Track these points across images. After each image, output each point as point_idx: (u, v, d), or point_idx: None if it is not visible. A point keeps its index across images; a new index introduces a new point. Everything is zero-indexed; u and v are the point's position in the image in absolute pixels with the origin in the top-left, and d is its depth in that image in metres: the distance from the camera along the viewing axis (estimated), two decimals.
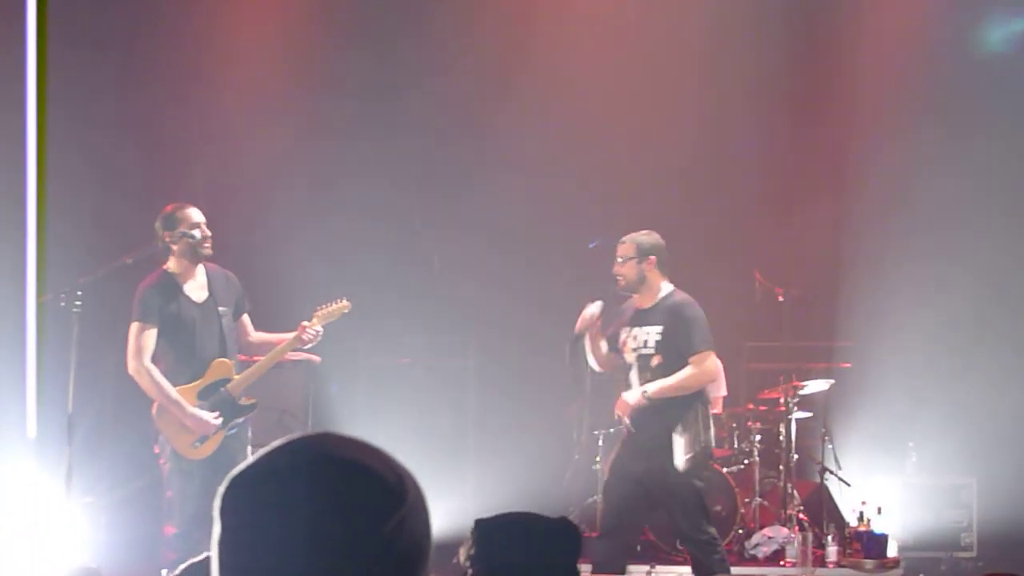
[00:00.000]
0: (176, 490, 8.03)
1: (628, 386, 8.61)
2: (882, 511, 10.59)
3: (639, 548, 8.80)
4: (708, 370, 8.41)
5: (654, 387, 8.33)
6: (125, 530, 9.91)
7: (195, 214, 8.24)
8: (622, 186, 13.12)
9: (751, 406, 11.63)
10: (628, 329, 8.63)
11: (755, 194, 12.88)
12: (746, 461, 11.33)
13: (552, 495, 11.53)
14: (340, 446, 1.83)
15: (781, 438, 11.00)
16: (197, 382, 8.11)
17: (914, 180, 12.20)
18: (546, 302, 12.79)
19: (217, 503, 1.79)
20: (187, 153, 12.29)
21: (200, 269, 8.33)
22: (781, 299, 11.59)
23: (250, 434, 8.30)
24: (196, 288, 8.28)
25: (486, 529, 3.17)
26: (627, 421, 8.43)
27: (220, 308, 8.29)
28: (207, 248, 8.23)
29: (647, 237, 8.62)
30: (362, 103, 12.93)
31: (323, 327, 8.48)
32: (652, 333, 8.45)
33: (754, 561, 10.76)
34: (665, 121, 12.89)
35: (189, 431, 8.03)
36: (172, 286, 8.20)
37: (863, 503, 10.41)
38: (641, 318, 8.56)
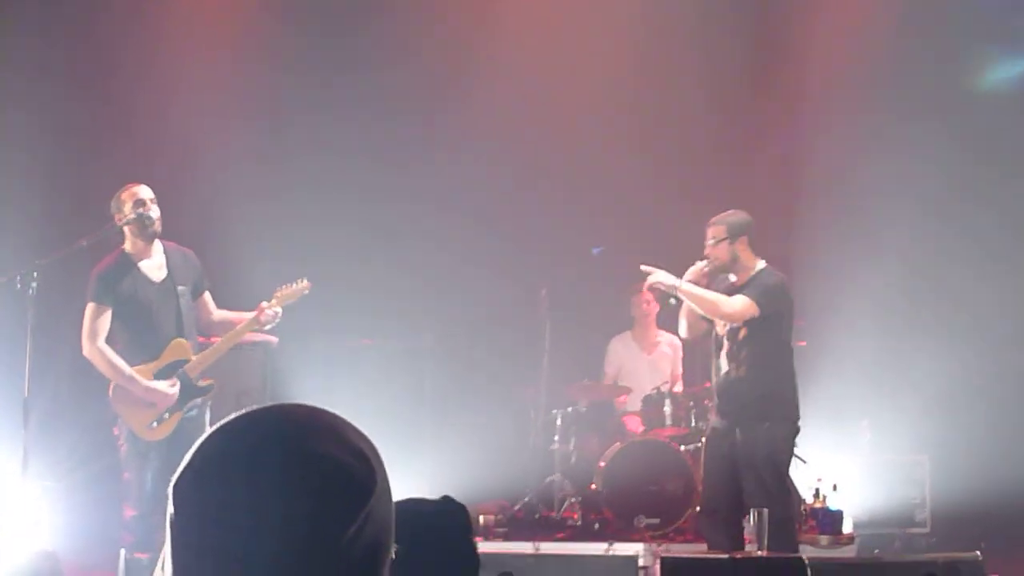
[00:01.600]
0: (134, 472, 8.01)
1: (718, 363, 8.62)
2: (837, 488, 10.64)
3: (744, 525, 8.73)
4: (736, 309, 8.34)
5: (690, 286, 8.39)
6: (83, 513, 9.86)
7: (143, 191, 8.21)
8: (578, 169, 13.14)
9: (708, 384, 11.64)
10: None
11: (709, 175, 12.88)
12: (703, 439, 11.35)
13: (510, 475, 11.56)
14: (304, 426, 1.78)
15: None
16: (154, 363, 8.09)
17: (865, 155, 12.27)
18: (504, 285, 12.82)
19: (172, 482, 1.75)
20: (144, 133, 12.20)
21: (157, 248, 8.30)
22: (732, 278, 11.60)
23: (208, 416, 8.25)
24: (153, 268, 8.25)
25: None
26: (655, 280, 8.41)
27: (178, 287, 8.26)
28: (156, 225, 8.20)
29: (736, 217, 8.57)
30: (320, 77, 12.91)
31: (282, 308, 8.45)
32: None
33: None
34: (617, 101, 12.95)
35: (146, 411, 8.01)
36: (128, 266, 8.17)
37: (819, 480, 10.44)
38: (734, 292, 8.52)
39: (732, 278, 8.57)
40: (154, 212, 8.17)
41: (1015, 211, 12.16)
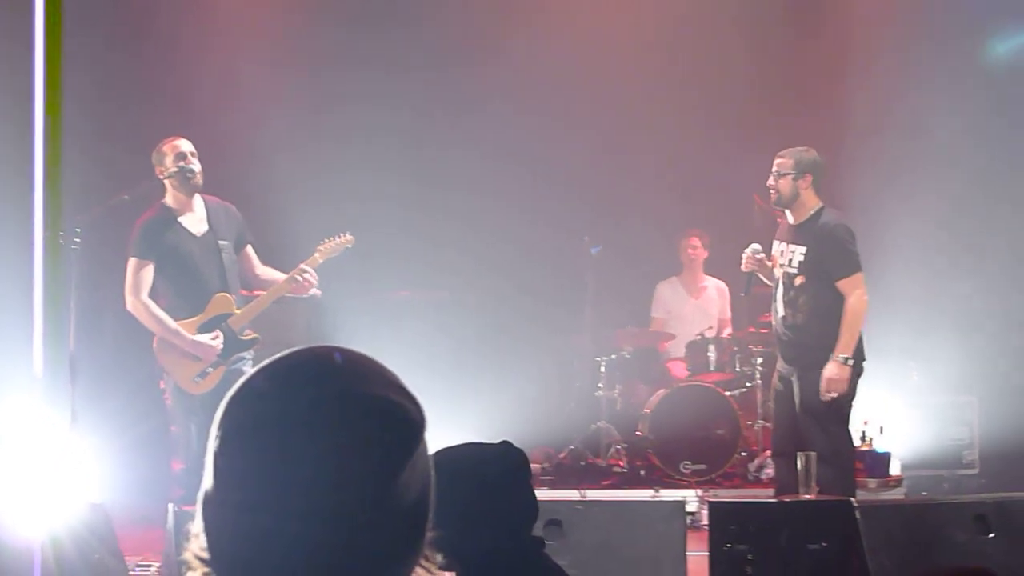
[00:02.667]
0: (181, 425, 8.07)
1: (775, 307, 8.55)
2: (884, 430, 10.61)
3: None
4: (860, 293, 8.20)
5: (845, 350, 8.14)
6: (132, 466, 9.91)
7: (184, 144, 8.20)
8: (621, 115, 13.08)
9: (752, 329, 11.61)
10: (778, 243, 8.56)
11: (752, 119, 12.79)
12: (748, 384, 11.34)
13: (555, 423, 11.56)
14: (350, 369, 1.75)
15: None
16: (197, 317, 8.10)
17: (910, 92, 12.12)
18: (543, 235, 12.79)
19: (218, 415, 1.72)
20: (184, 85, 12.20)
21: (199, 202, 8.29)
22: (780, 221, 11.50)
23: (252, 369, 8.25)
24: (195, 221, 8.24)
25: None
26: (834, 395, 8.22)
27: (220, 241, 8.25)
28: (197, 178, 8.18)
29: (807, 154, 8.43)
30: (364, 25, 12.87)
31: (318, 269, 8.43)
32: (797, 252, 8.34)
33: (758, 483, 10.79)
34: (659, 47, 12.89)
35: (190, 364, 8.04)
36: (170, 220, 8.18)
37: (865, 422, 10.41)
38: (790, 235, 8.45)
39: (789, 217, 8.47)
40: (195, 166, 8.16)
41: None
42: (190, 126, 9.03)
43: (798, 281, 8.28)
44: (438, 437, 1.79)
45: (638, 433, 11.16)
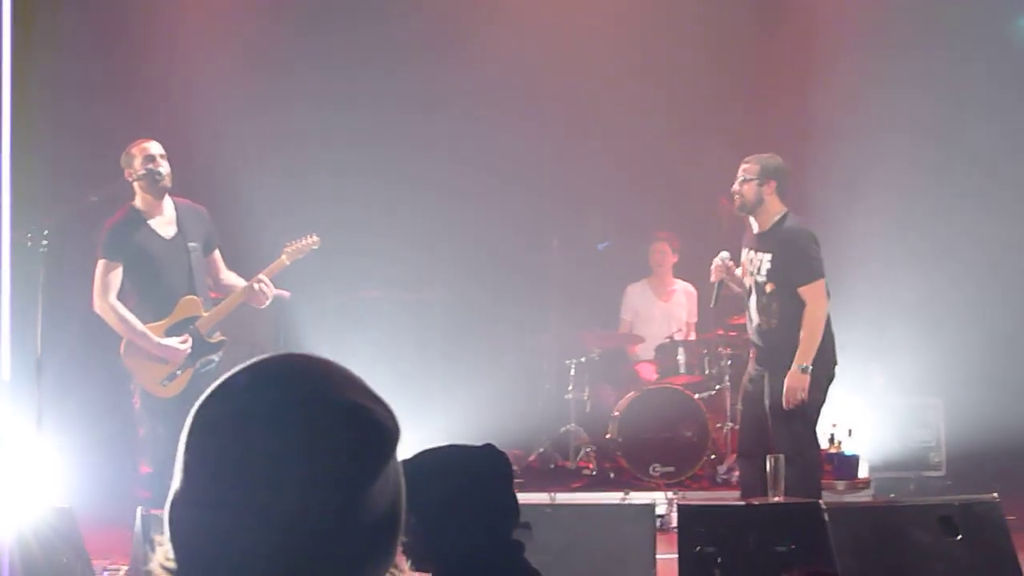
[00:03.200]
0: (148, 429, 8.04)
1: (750, 314, 8.54)
2: (852, 433, 10.65)
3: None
4: (820, 300, 8.18)
5: (803, 359, 8.15)
6: (99, 469, 9.87)
7: (153, 147, 8.15)
8: (590, 116, 13.10)
9: (721, 332, 11.64)
10: (746, 251, 8.55)
11: (717, 113, 12.84)
12: (717, 386, 11.37)
13: (524, 426, 11.55)
14: (322, 374, 1.73)
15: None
16: (165, 320, 8.06)
17: (877, 94, 12.16)
18: (512, 236, 12.79)
19: (190, 415, 1.71)
20: (151, 86, 12.14)
21: (168, 204, 8.25)
22: (754, 226, 11.51)
23: (221, 371, 8.21)
24: (164, 224, 8.20)
25: (408, 471, 2.93)
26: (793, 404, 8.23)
27: (189, 244, 8.21)
28: (166, 181, 8.12)
29: (771, 160, 8.42)
30: (328, 25, 12.85)
31: (286, 270, 8.44)
32: (764, 260, 8.32)
33: (727, 485, 10.81)
34: (627, 48, 12.93)
35: (158, 368, 8.00)
36: (138, 222, 8.12)
37: (834, 425, 10.44)
38: (756, 242, 8.44)
39: (752, 223, 8.47)
40: (164, 168, 8.11)
41: None
42: (159, 128, 8.99)
43: (768, 288, 8.27)
44: (405, 441, 1.77)
45: (607, 436, 11.18)
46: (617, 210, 13.13)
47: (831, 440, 10.39)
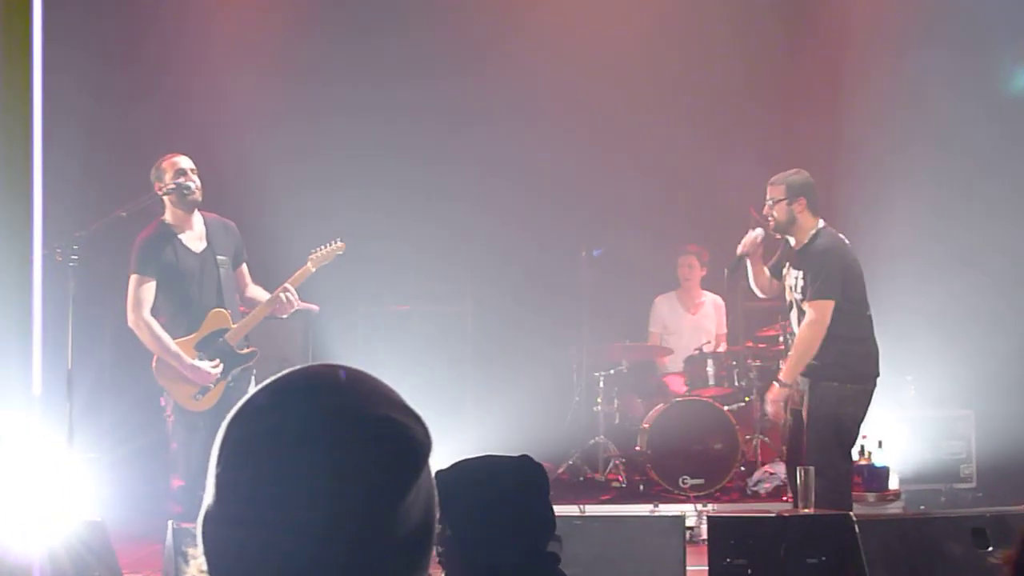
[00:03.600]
0: (181, 443, 8.04)
1: (790, 323, 8.60)
2: (883, 444, 10.60)
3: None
4: (822, 320, 8.13)
5: (785, 371, 8.29)
6: (131, 484, 9.89)
7: (183, 161, 8.17)
8: (620, 129, 13.09)
9: (749, 344, 11.61)
10: (787, 267, 8.56)
11: (746, 126, 12.83)
12: (746, 398, 11.34)
13: (553, 438, 11.54)
14: (354, 388, 1.73)
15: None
16: (194, 334, 8.08)
17: (912, 101, 12.11)
18: (541, 248, 12.79)
19: (220, 431, 1.71)
20: (181, 102, 12.19)
21: (198, 218, 8.28)
22: (779, 237, 11.47)
23: (253, 384, 8.22)
24: (194, 238, 8.22)
25: (444, 482, 2.88)
26: (782, 415, 8.36)
27: (219, 257, 8.23)
28: (196, 195, 8.14)
29: (797, 176, 8.40)
30: (359, 34, 12.88)
31: (314, 280, 8.43)
32: (799, 278, 8.33)
33: (756, 497, 10.79)
34: (659, 59, 12.88)
35: (189, 383, 8.02)
36: (169, 237, 8.14)
37: (864, 437, 10.38)
38: (794, 259, 8.45)
39: (791, 241, 8.46)
40: (194, 182, 8.13)
41: None
42: (186, 139, 9.02)
43: (806, 306, 8.26)
44: (437, 453, 1.77)
45: (636, 448, 11.17)
46: (646, 223, 13.12)
47: (861, 452, 10.35)
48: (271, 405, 1.71)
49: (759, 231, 8.62)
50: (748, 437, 11.14)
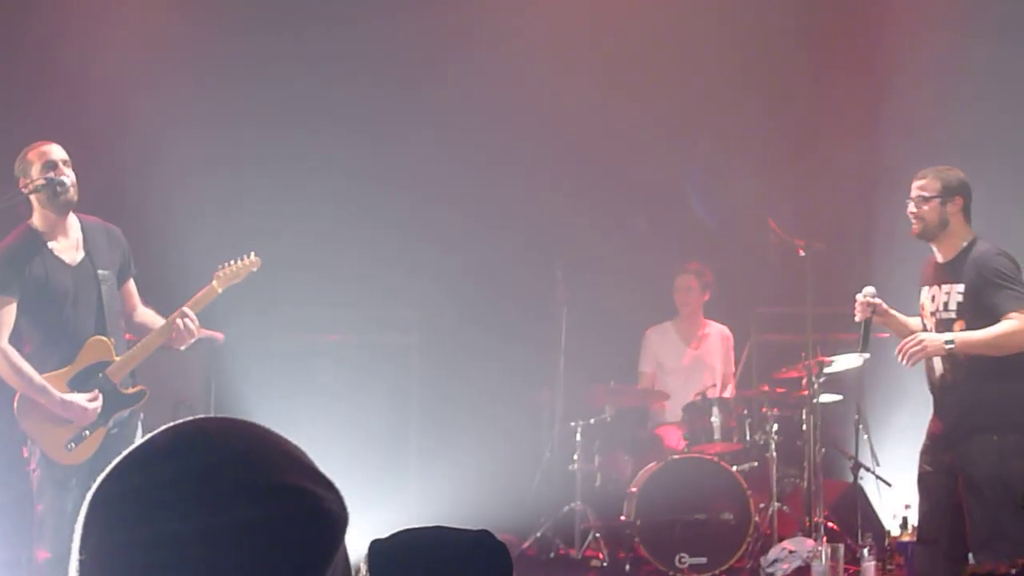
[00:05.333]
0: (48, 504, 7.90)
1: (931, 363, 8.47)
2: None
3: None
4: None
5: (962, 336, 8.12)
6: None
7: (54, 151, 8.06)
8: (603, 127, 13.16)
9: (766, 388, 11.65)
10: (927, 288, 8.51)
11: (771, 129, 12.92)
12: (761, 457, 11.37)
13: (518, 504, 11.56)
14: (258, 449, 1.73)
15: (804, 427, 11.03)
16: (68, 367, 7.97)
17: (956, 108, 12.21)
18: (506, 268, 12.82)
19: (82, 515, 1.70)
20: (64, 87, 12.18)
21: (73, 222, 8.19)
22: (802, 254, 11.53)
23: (140, 431, 8.16)
24: (68, 247, 8.14)
25: (381, 553, 2.80)
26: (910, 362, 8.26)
27: (100, 271, 8.14)
28: (71, 193, 8.04)
29: (953, 173, 8.42)
30: (283, 26, 12.89)
31: (220, 302, 8.37)
32: (954, 292, 8.28)
33: None
34: (664, 50, 12.99)
35: (61, 429, 7.91)
36: (36, 245, 8.05)
37: (907, 507, 10.46)
38: (941, 274, 8.41)
39: (936, 252, 8.47)
40: (68, 177, 8.01)
41: None
42: (68, 133, 8.95)
43: (957, 327, 8.21)
44: (371, 522, 1.79)
45: (622, 518, 11.19)
46: (638, 238, 13.18)
47: (903, 525, 10.42)
48: (152, 468, 1.71)
49: (870, 289, 8.68)
50: (762, 506, 11.18)
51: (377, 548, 3.00)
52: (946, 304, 8.32)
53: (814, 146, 12.58)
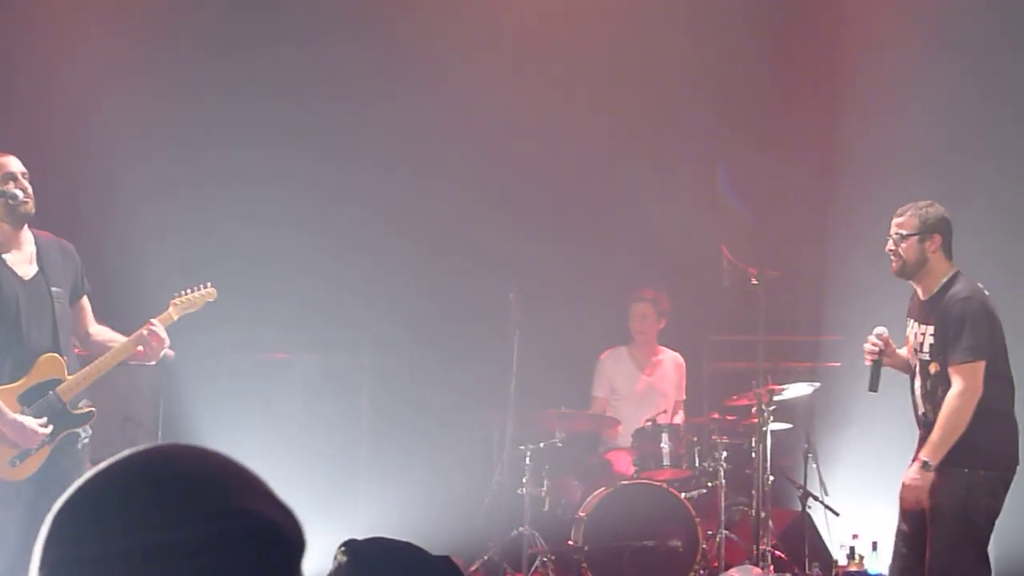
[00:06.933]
0: None
1: (913, 399, 8.62)
2: (878, 546, 10.72)
3: None
4: (974, 386, 8.18)
5: (930, 454, 8.25)
6: None
7: (11, 163, 8.06)
8: (558, 150, 13.19)
9: (716, 415, 11.69)
10: (911, 323, 8.64)
11: (723, 151, 12.97)
12: (710, 484, 11.41)
13: (466, 526, 11.57)
14: (215, 475, 1.76)
15: (753, 455, 11.07)
16: (18, 382, 7.93)
17: (916, 131, 12.27)
18: (458, 287, 12.82)
19: (43, 532, 1.73)
20: (21, 102, 12.16)
21: (27, 237, 8.17)
22: (754, 282, 11.57)
23: (87, 449, 8.07)
24: (22, 261, 8.11)
25: (361, 554, 2.82)
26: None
27: (53, 288, 8.11)
28: (28, 206, 8.03)
29: (931, 210, 8.50)
30: (238, 45, 12.88)
31: (172, 328, 8.35)
32: (927, 335, 8.41)
33: None
34: (620, 74, 13.05)
35: (6, 444, 7.85)
36: None
37: (855, 536, 10.53)
38: (922, 311, 8.53)
39: (918, 290, 8.60)
40: (24, 189, 8.01)
41: None
42: (23, 148, 8.91)
43: (932, 369, 8.36)
44: (319, 543, 1.81)
45: (570, 542, 11.21)
46: (591, 261, 13.19)
47: (851, 555, 10.48)
48: (110, 487, 1.74)
49: (882, 329, 8.75)
50: (711, 532, 11.22)
51: (355, 548, 3.01)
52: (922, 345, 8.47)
53: (768, 166, 12.62)
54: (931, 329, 8.38)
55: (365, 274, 12.73)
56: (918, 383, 8.54)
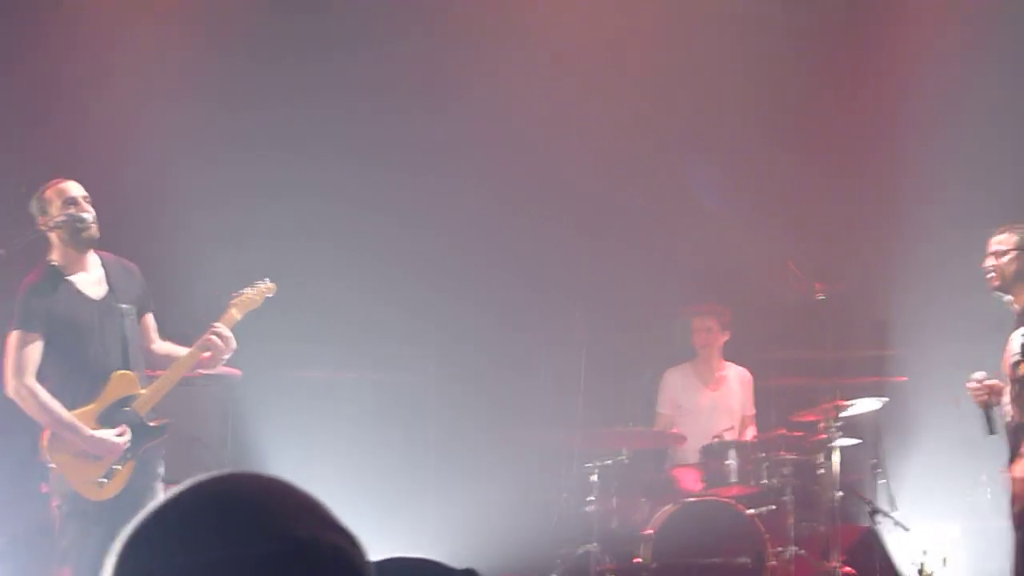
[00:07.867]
0: (71, 540, 7.79)
1: (1001, 407, 8.80)
2: (948, 562, 10.69)
3: None
4: None
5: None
6: None
7: (73, 188, 8.20)
8: (622, 169, 13.21)
9: (783, 431, 11.65)
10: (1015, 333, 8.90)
11: (790, 167, 12.95)
12: (778, 500, 11.37)
13: (533, 544, 11.56)
14: (278, 502, 1.79)
15: (821, 472, 11.06)
16: (94, 404, 8.02)
17: (982, 145, 12.26)
18: (524, 308, 12.82)
19: (117, 551, 1.77)
20: (71, 121, 12.23)
21: (93, 259, 8.31)
22: (821, 297, 11.59)
23: (162, 468, 8.22)
24: (91, 283, 8.25)
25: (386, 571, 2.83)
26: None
27: (122, 305, 8.24)
28: (92, 229, 8.18)
29: None
30: (293, 56, 12.95)
31: (237, 332, 8.39)
32: (1017, 336, 8.71)
33: None
34: (680, 85, 13.04)
35: (91, 464, 7.94)
36: (58, 281, 8.13)
37: (924, 552, 10.49)
38: (1017, 323, 8.86)
39: (1008, 299, 8.87)
40: (88, 213, 8.17)
41: None
42: (77, 169, 8.98)
43: (1022, 370, 8.55)
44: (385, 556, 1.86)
45: (637, 560, 11.20)
46: (656, 278, 13.19)
47: (920, 571, 10.44)
48: (178, 507, 1.79)
49: (981, 374, 8.92)
50: (779, 550, 11.18)
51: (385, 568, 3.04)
52: (1015, 350, 8.69)
53: (835, 182, 12.61)
54: (1021, 331, 8.67)
55: (431, 291, 12.77)
56: (1008, 388, 8.72)
